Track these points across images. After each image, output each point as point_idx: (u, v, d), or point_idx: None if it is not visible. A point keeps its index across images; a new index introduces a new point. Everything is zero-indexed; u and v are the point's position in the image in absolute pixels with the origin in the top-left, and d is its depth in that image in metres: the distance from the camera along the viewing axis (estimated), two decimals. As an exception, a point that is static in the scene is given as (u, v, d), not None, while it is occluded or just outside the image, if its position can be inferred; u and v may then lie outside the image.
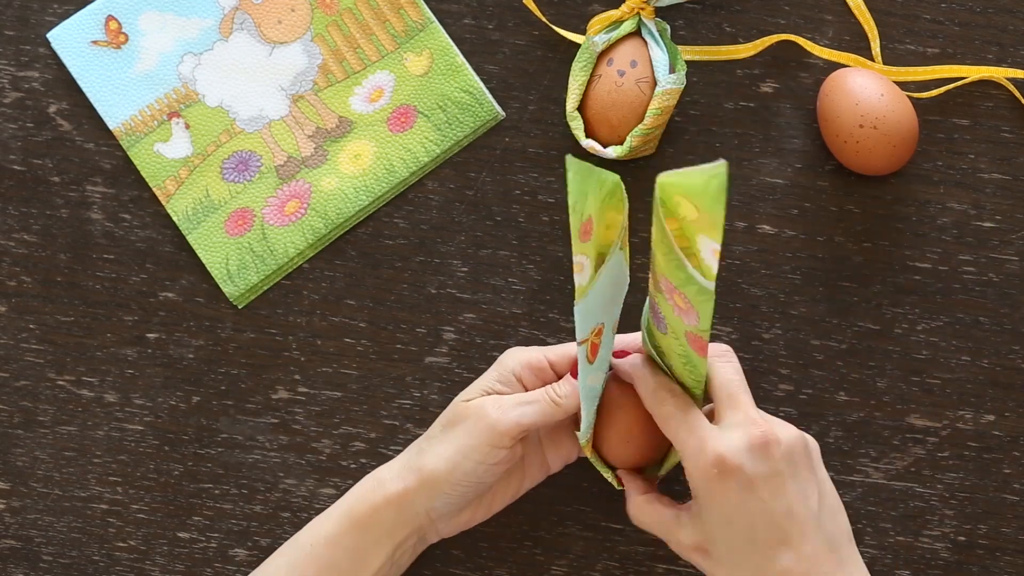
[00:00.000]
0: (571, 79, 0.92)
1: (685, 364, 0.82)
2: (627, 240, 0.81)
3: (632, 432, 0.87)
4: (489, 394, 0.86)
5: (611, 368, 0.88)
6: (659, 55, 0.91)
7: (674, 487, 0.92)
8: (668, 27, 0.93)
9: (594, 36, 0.92)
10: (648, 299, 0.84)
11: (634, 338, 0.88)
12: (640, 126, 0.90)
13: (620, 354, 0.87)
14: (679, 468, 0.88)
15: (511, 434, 0.85)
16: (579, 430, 0.88)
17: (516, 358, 0.88)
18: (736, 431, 0.80)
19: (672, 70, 0.92)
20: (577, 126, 0.92)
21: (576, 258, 0.76)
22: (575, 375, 0.86)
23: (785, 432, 0.80)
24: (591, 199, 0.75)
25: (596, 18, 0.93)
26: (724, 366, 0.83)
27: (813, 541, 0.79)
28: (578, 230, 0.75)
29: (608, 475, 0.88)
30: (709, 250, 0.74)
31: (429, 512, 0.86)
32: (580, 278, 0.77)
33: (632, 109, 0.91)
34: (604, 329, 0.83)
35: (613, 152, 0.91)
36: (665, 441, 0.87)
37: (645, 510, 0.85)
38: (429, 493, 0.86)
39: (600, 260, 0.79)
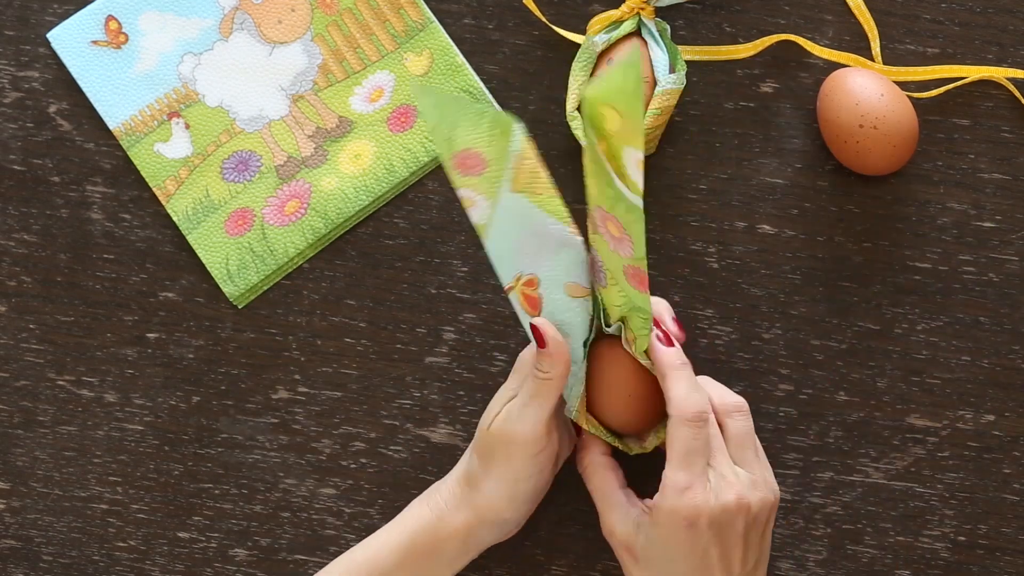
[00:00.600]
0: (571, 79, 0.93)
1: (629, 311, 0.83)
2: (548, 189, 0.80)
3: (632, 386, 0.85)
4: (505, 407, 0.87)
5: (592, 335, 0.86)
6: (659, 55, 0.91)
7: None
8: (668, 27, 0.93)
9: (594, 36, 0.92)
10: (588, 258, 0.84)
11: None
12: (640, 126, 0.90)
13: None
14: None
15: (539, 437, 0.85)
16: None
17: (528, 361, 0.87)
18: (717, 489, 0.82)
19: (672, 70, 0.92)
20: (577, 126, 0.92)
21: (461, 192, 0.77)
22: (541, 345, 0.84)
23: (758, 495, 0.83)
24: (465, 131, 0.76)
25: (596, 18, 0.93)
26: (686, 425, 0.83)
27: None
28: (451, 162, 0.76)
29: (614, 440, 0.87)
30: (634, 162, 0.76)
31: (499, 536, 0.88)
32: (475, 214, 0.78)
33: (632, 109, 0.91)
34: (540, 281, 0.82)
35: (613, 152, 0.91)
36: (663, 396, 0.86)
37: (600, 472, 0.87)
38: (497, 523, 0.87)
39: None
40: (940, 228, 0.94)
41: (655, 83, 0.91)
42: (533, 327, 0.84)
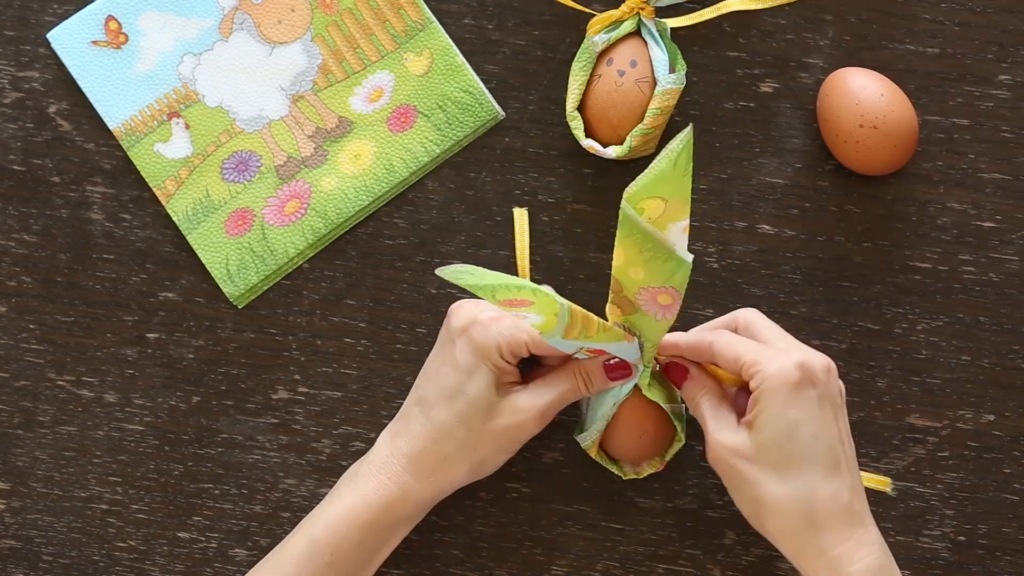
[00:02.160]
0: (571, 79, 0.92)
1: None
2: (597, 329, 0.82)
3: (645, 428, 0.88)
4: (500, 385, 0.86)
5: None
6: (659, 55, 0.91)
7: (680, 483, 0.92)
8: (668, 27, 0.93)
9: (594, 36, 0.92)
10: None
11: None
12: (640, 126, 0.90)
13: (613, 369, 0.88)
14: (678, 457, 0.88)
15: (538, 419, 0.87)
16: (581, 431, 0.89)
17: (497, 343, 0.86)
18: (812, 354, 0.83)
19: (672, 70, 0.92)
20: (577, 126, 0.92)
21: (512, 311, 0.80)
22: (610, 374, 0.87)
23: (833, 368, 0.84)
24: (507, 290, 0.78)
25: (596, 18, 0.93)
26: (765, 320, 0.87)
27: (853, 477, 0.82)
28: (495, 302, 0.79)
29: (615, 468, 0.90)
30: (679, 231, 0.78)
31: (451, 493, 0.88)
32: (529, 322, 0.81)
33: (632, 109, 0.91)
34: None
35: (613, 152, 0.91)
36: (670, 432, 0.89)
37: (706, 383, 0.86)
38: (458, 485, 0.88)
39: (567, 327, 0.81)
40: (940, 228, 0.94)
41: (655, 83, 0.91)
42: (622, 362, 0.86)
